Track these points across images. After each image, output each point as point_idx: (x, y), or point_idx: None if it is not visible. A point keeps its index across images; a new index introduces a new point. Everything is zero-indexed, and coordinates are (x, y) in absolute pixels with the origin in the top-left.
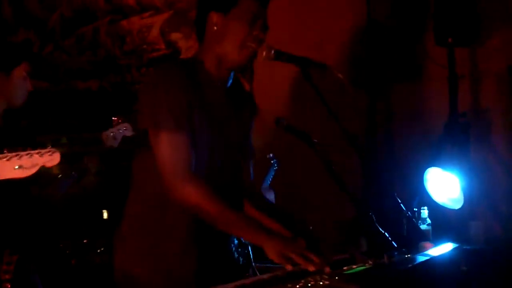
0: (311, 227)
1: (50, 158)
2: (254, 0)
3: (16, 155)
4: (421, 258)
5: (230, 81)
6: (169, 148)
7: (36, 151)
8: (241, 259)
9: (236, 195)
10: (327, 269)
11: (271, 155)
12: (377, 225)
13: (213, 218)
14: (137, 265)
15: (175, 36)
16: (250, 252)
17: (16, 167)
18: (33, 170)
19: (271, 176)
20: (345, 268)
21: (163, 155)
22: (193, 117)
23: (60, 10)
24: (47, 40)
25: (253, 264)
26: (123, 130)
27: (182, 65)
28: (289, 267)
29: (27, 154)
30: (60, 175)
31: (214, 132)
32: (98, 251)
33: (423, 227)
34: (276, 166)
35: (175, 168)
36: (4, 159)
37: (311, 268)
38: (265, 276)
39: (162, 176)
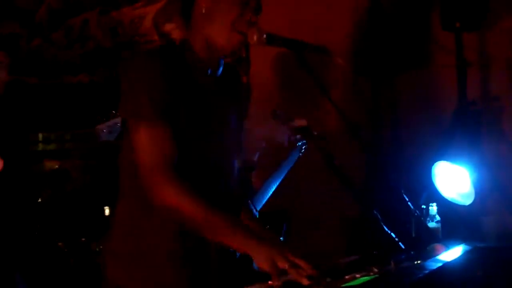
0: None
1: None
2: None
3: None
4: (432, 265)
5: (221, 68)
6: (146, 142)
7: None
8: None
9: (231, 193)
10: (327, 279)
11: (298, 136)
12: (382, 224)
13: (194, 222)
14: (126, 277)
15: (168, 26)
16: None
17: None
18: None
19: (293, 161)
20: (346, 277)
21: (140, 150)
22: (179, 106)
23: (48, 1)
24: (35, 33)
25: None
26: (120, 123)
27: (166, 50)
28: (276, 283)
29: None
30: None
31: (206, 122)
32: (97, 249)
33: (432, 224)
34: (304, 150)
35: (152, 164)
36: None
37: (304, 282)
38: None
39: (139, 173)
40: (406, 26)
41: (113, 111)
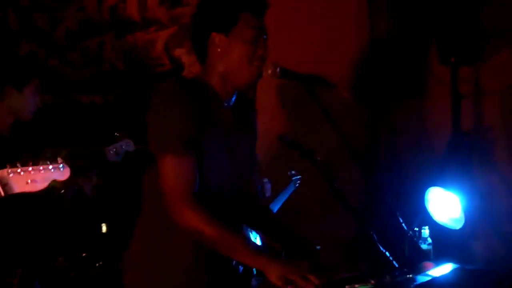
0: (316, 246)
1: (61, 173)
2: (254, 14)
3: (29, 170)
4: (422, 279)
5: (234, 98)
6: (172, 172)
7: (48, 166)
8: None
9: (244, 212)
10: None
11: (293, 172)
12: (378, 244)
13: (213, 242)
14: (145, 284)
15: (179, 51)
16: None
17: (28, 181)
18: (44, 184)
19: (289, 193)
20: (347, 287)
21: (167, 179)
22: (201, 139)
23: (65, 23)
24: (52, 53)
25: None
26: (126, 145)
27: (189, 86)
28: None
29: (39, 169)
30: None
31: (223, 152)
32: (97, 265)
33: (424, 246)
34: (298, 184)
35: (177, 192)
36: (17, 173)
37: None
38: None
39: (164, 198)
40: (404, 59)
41: (117, 134)
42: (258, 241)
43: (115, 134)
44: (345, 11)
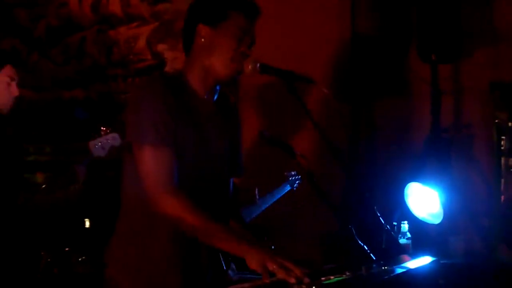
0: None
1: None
2: (245, 16)
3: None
4: (398, 270)
5: (216, 94)
6: (151, 162)
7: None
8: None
9: (220, 208)
10: (306, 280)
11: (292, 172)
12: (356, 238)
13: (194, 229)
14: (125, 279)
15: (161, 47)
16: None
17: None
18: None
19: (282, 193)
20: (323, 278)
21: (146, 169)
22: (178, 131)
23: (46, 19)
24: (33, 49)
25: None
26: (111, 140)
27: (167, 79)
28: (266, 280)
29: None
30: (44, 185)
31: (199, 145)
32: (80, 259)
33: (403, 241)
34: (296, 185)
35: (157, 181)
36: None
37: (292, 280)
38: (245, 285)
39: (144, 189)
40: (385, 56)
41: (103, 128)
42: None
43: (101, 128)
44: (326, 8)
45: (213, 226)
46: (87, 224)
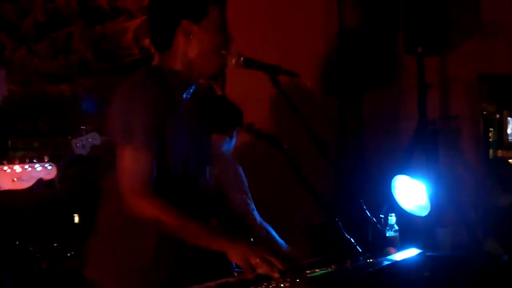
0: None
1: (48, 172)
2: (219, 9)
3: (14, 168)
4: (383, 263)
5: (194, 87)
6: (130, 162)
7: (35, 164)
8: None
9: (206, 202)
10: (289, 274)
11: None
12: (343, 230)
13: (174, 229)
14: (106, 278)
15: (148, 41)
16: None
17: (15, 179)
18: (30, 183)
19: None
20: (307, 271)
21: (123, 168)
22: (166, 129)
23: (33, 14)
24: (19, 44)
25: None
26: (92, 139)
27: (154, 75)
28: (249, 275)
29: (26, 167)
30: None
31: (188, 140)
32: (69, 255)
33: (391, 234)
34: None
35: (132, 182)
36: (3, 171)
37: (276, 275)
38: (230, 279)
39: (120, 189)
40: (372, 49)
41: (83, 127)
42: None
43: (81, 127)
44: (314, 2)
45: (191, 224)
46: (76, 219)
